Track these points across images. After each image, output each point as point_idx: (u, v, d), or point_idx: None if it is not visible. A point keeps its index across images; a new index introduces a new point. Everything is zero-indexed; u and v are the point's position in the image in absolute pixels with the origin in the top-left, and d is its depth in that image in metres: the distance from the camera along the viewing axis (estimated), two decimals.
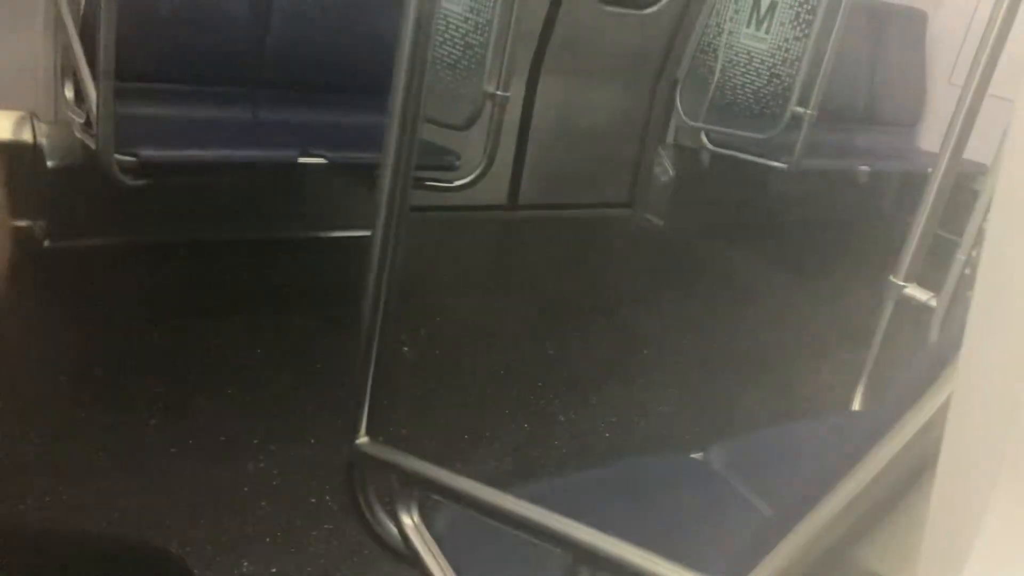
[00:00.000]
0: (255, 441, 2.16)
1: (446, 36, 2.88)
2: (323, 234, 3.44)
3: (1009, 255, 0.51)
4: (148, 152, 2.35)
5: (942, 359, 0.61)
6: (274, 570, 1.79)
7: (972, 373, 0.52)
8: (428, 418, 2.40)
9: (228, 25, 2.87)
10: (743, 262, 4.10)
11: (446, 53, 2.90)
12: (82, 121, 2.48)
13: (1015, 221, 0.50)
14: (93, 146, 2.30)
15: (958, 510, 0.53)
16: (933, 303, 1.95)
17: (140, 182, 2.37)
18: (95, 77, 2.21)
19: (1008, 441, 0.47)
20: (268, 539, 1.87)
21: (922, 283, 1.99)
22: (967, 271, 1.86)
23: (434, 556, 1.10)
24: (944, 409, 0.60)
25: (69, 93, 2.64)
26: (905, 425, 0.65)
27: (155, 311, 2.67)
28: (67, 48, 2.49)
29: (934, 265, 1.95)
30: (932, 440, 0.60)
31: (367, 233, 1.09)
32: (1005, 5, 1.75)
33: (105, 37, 2.11)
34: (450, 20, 2.86)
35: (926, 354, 0.71)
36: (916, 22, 4.74)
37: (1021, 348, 0.48)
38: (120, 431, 2.10)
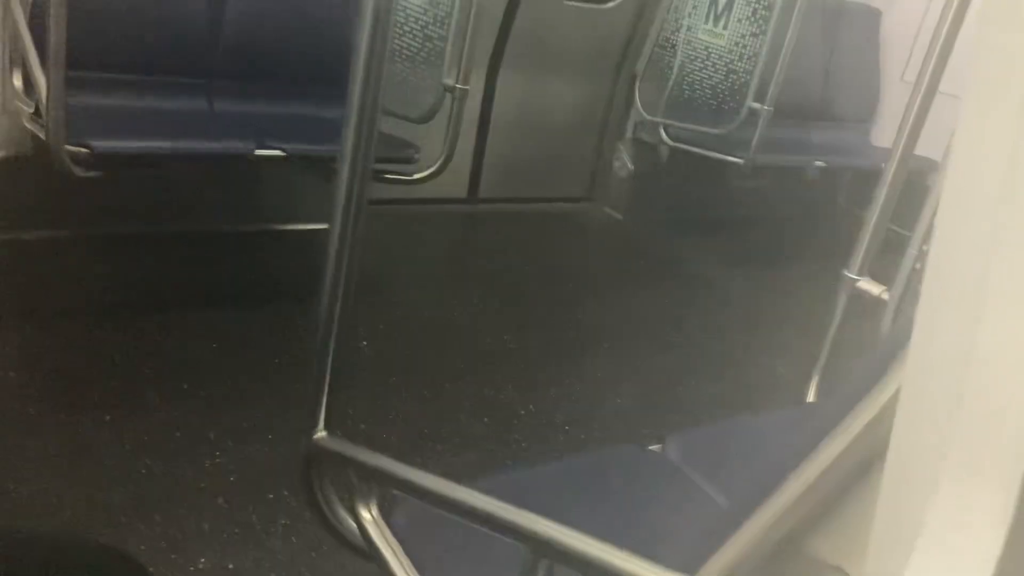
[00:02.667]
0: (211, 437, 2.13)
1: (405, 28, 2.86)
2: (280, 227, 3.40)
3: (956, 250, 0.52)
4: (100, 143, 2.30)
5: (892, 352, 0.62)
6: (231, 566, 1.77)
7: (920, 367, 0.53)
8: (387, 413, 2.39)
9: (184, 14, 2.82)
10: (700, 255, 4.14)
11: (405, 45, 2.89)
12: (31, 111, 2.42)
13: (962, 217, 0.51)
14: (43, 136, 2.25)
15: (905, 500, 0.55)
16: (886, 296, 1.99)
17: (92, 173, 2.33)
18: (45, 66, 2.16)
19: (953, 434, 0.48)
20: (225, 535, 1.85)
21: (876, 277, 2.03)
22: (918, 266, 1.90)
23: (393, 551, 1.09)
24: (893, 402, 0.61)
25: (18, 82, 2.57)
26: (856, 417, 0.66)
27: (109, 305, 2.62)
28: (15, 36, 2.43)
29: (892, 261, 1.99)
30: (882, 432, 0.61)
31: (325, 226, 1.08)
32: (955, 5, 1.79)
33: (55, 24, 2.06)
34: (409, 12, 2.84)
35: (876, 347, 0.72)
36: (870, 20, 4.82)
37: (967, 342, 0.49)
38: (73, 428, 2.06)
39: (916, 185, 2.06)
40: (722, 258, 4.13)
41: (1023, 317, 0.45)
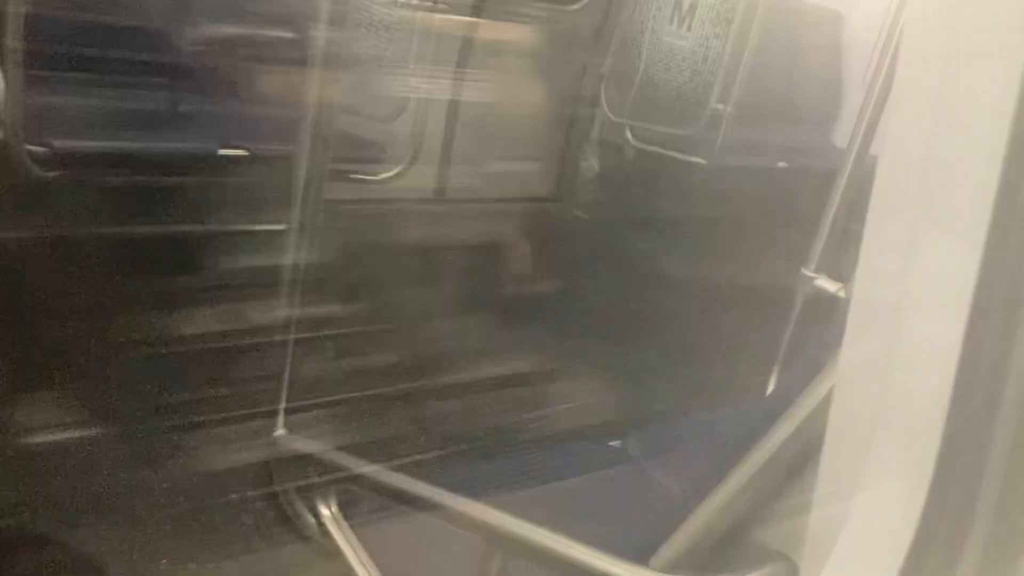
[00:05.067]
0: (174, 438, 2.12)
1: (370, 28, 2.86)
2: (244, 227, 3.38)
3: (881, 255, 0.54)
4: (61, 142, 2.28)
5: (830, 349, 0.65)
6: (192, 566, 1.76)
7: (849, 367, 0.56)
8: (348, 416, 2.38)
9: (147, 12, 2.80)
10: (665, 254, 4.17)
11: (370, 45, 2.88)
12: None
13: (886, 222, 0.54)
14: (0, 135, 2.23)
15: (837, 491, 0.57)
16: (842, 294, 2.03)
17: (52, 173, 2.30)
18: (2, 64, 2.14)
19: (877, 431, 0.51)
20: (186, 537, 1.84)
21: (842, 275, 2.06)
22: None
23: (352, 546, 1.10)
24: (830, 395, 0.63)
25: None
26: (795, 412, 0.69)
27: (66, 306, 2.59)
28: None
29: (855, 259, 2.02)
30: (820, 425, 0.63)
31: (286, 227, 1.08)
32: (907, 5, 1.83)
33: (13, 21, 2.04)
34: (373, 12, 2.84)
35: (817, 343, 0.75)
36: (832, 23, 4.88)
37: (889, 344, 0.51)
38: (41, 429, 2.04)
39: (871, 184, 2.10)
40: (685, 257, 4.16)
41: (938, 322, 0.47)
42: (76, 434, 2.07)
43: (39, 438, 2.04)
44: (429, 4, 2.63)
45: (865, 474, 0.53)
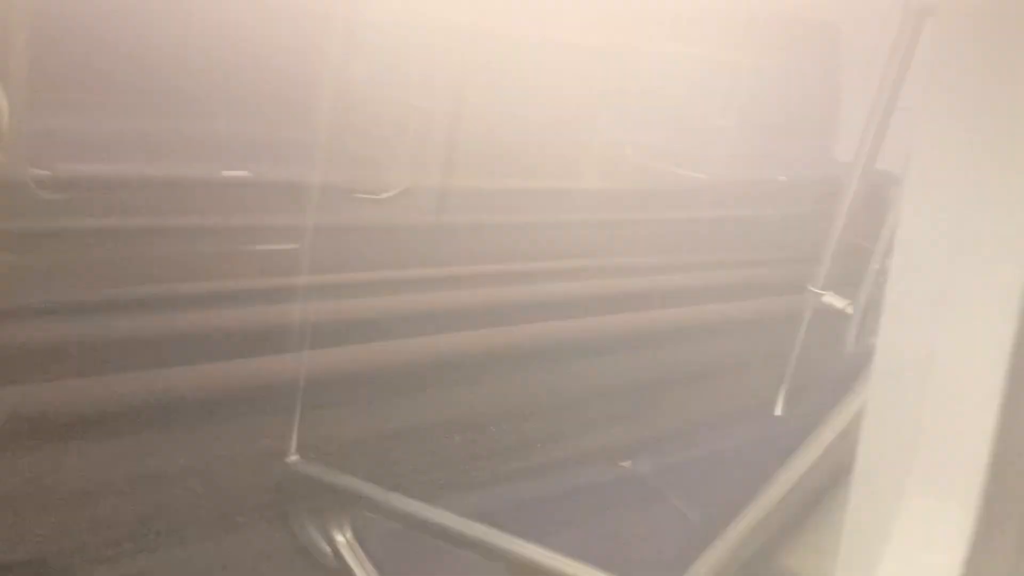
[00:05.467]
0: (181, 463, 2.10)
1: None
2: (248, 248, 3.36)
3: (916, 266, 0.53)
4: (64, 166, 2.28)
5: (857, 366, 0.64)
6: None
7: (884, 381, 0.54)
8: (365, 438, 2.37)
9: (151, 33, 2.80)
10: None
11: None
12: None
13: (921, 232, 0.53)
14: (2, 159, 2.22)
15: (873, 513, 0.56)
16: (850, 311, 2.01)
17: (57, 196, 2.30)
18: (5, 86, 2.14)
19: (917, 447, 0.49)
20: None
21: (847, 292, 2.05)
22: (881, 279, 1.92)
23: (367, 574, 1.09)
24: (859, 415, 0.62)
25: None
26: (823, 431, 0.67)
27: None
28: None
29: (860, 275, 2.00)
30: (848, 445, 0.62)
31: (295, 247, 1.08)
32: (912, 20, 1.83)
33: (15, 46, 2.04)
34: None
35: (842, 361, 0.74)
36: (830, 35, 4.90)
37: (928, 356, 0.50)
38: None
39: (878, 199, 2.09)
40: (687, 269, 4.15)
41: (980, 331, 0.47)
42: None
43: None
44: None
45: (906, 494, 0.51)
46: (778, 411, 2.10)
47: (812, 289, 2.05)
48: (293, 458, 1.12)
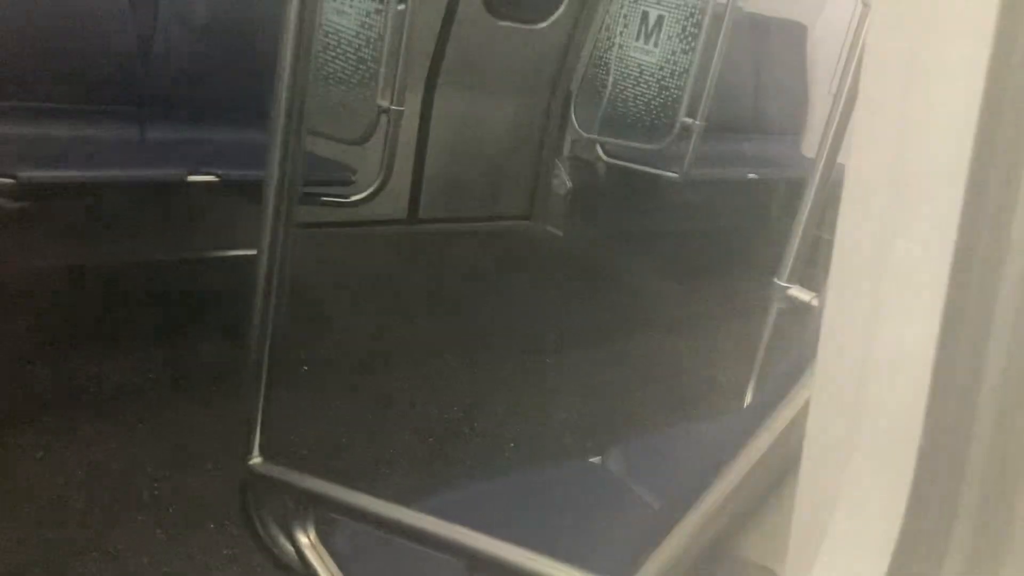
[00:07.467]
0: (149, 469, 2.09)
1: (338, 51, 2.86)
2: (215, 254, 3.35)
3: (852, 263, 0.54)
4: (27, 173, 2.25)
5: (806, 359, 0.64)
6: None
7: (825, 375, 0.55)
8: (328, 439, 2.36)
9: (112, 41, 2.78)
10: (639, 269, 4.19)
11: (338, 68, 2.88)
12: None
13: (855, 228, 0.54)
14: None
15: (818, 500, 0.56)
16: (815, 303, 2.03)
17: (19, 204, 2.28)
18: None
19: (855, 438, 0.50)
20: (166, 569, 1.81)
21: (813, 284, 2.07)
22: None
23: (332, 574, 1.08)
24: (807, 407, 0.63)
25: None
26: (773, 423, 0.68)
27: (38, 339, 2.55)
28: None
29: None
30: (798, 436, 0.63)
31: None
32: (871, 14, 1.85)
33: None
34: (341, 35, 2.84)
35: (792, 354, 0.75)
36: (796, 34, 4.95)
37: (865, 351, 0.51)
38: (2, 465, 2.00)
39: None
40: (660, 271, 4.19)
41: (913, 326, 0.47)
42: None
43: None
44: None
45: (844, 484, 0.52)
46: (747, 403, 2.12)
47: (778, 282, 2.07)
48: (255, 460, 1.12)
